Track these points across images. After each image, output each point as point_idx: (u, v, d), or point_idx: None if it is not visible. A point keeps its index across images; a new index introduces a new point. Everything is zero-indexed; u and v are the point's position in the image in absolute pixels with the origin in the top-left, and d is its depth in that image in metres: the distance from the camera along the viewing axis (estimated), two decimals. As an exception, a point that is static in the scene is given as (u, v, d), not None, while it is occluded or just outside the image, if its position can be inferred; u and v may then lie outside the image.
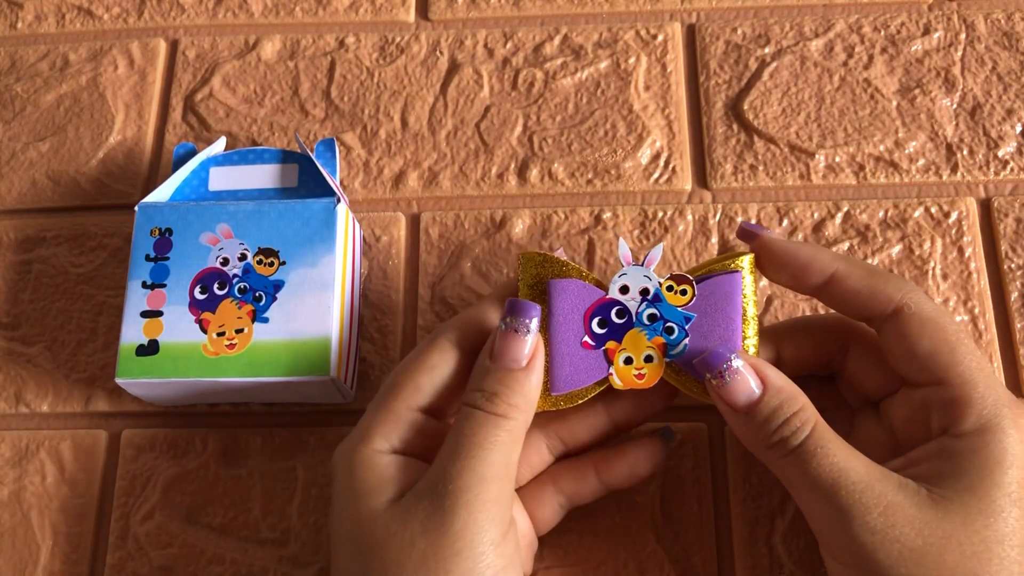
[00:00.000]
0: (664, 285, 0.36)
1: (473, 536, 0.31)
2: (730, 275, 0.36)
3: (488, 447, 0.33)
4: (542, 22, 0.52)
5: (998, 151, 0.47)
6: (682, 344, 0.35)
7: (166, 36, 0.53)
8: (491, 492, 0.32)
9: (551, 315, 0.36)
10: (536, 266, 0.37)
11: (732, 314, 0.35)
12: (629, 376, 0.35)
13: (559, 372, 0.35)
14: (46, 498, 0.43)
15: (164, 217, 0.43)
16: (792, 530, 0.40)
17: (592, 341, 0.36)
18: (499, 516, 0.32)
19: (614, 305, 0.36)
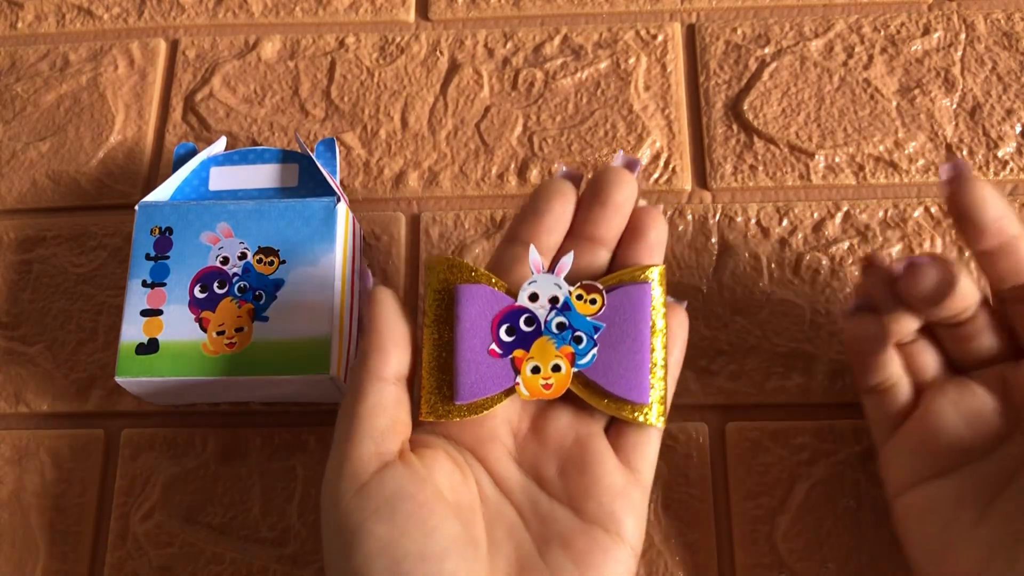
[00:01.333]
0: (574, 294, 0.35)
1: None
2: (639, 286, 0.35)
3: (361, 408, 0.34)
4: (542, 22, 0.52)
5: (998, 151, 0.47)
6: (590, 354, 0.35)
7: (166, 36, 0.54)
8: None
9: (458, 321, 0.35)
10: (444, 271, 0.36)
11: (641, 325, 0.35)
12: (536, 386, 0.35)
13: (464, 380, 0.34)
14: (46, 497, 0.43)
15: (164, 216, 0.43)
16: (793, 529, 0.40)
17: (499, 349, 0.35)
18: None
19: (523, 312, 0.35)
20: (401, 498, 0.32)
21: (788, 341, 0.44)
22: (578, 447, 0.35)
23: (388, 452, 0.33)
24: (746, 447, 0.42)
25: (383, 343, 0.35)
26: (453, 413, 0.35)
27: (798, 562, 0.40)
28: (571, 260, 0.35)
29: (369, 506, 0.32)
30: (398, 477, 0.33)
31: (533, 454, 0.36)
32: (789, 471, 0.41)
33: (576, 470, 0.35)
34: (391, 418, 0.34)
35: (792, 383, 0.43)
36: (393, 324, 0.35)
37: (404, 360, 0.35)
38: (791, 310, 0.44)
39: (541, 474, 0.35)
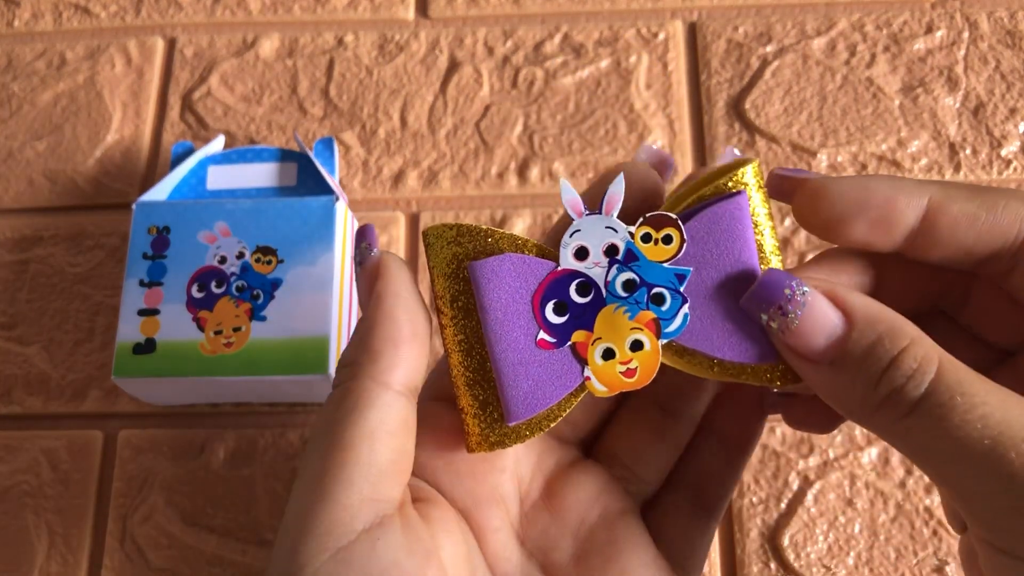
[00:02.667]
0: (637, 235, 0.25)
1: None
2: (729, 200, 0.25)
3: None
4: (542, 20, 0.52)
5: (1001, 150, 0.47)
6: (680, 315, 0.25)
7: (164, 34, 0.53)
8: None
9: (484, 312, 0.26)
10: (449, 244, 0.26)
11: (744, 254, 0.25)
12: (614, 375, 0.25)
13: (513, 391, 0.25)
14: (42, 499, 0.43)
15: (162, 215, 0.43)
16: (797, 532, 0.40)
17: (550, 336, 0.26)
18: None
19: (572, 278, 0.26)
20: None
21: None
22: (605, 527, 0.27)
23: (386, 501, 0.23)
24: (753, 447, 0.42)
25: (395, 334, 0.24)
26: (511, 437, 0.26)
27: (803, 565, 0.40)
28: (623, 186, 0.25)
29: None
30: (395, 544, 0.23)
31: (542, 530, 0.27)
32: (797, 475, 0.41)
33: (599, 558, 0.26)
34: (397, 449, 0.24)
35: (795, 383, 0.43)
36: (409, 308, 0.25)
37: (421, 364, 0.25)
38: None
39: (549, 558, 0.27)
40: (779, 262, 0.26)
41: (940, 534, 0.40)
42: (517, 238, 0.26)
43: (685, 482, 0.28)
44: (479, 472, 0.27)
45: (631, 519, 0.27)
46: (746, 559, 0.40)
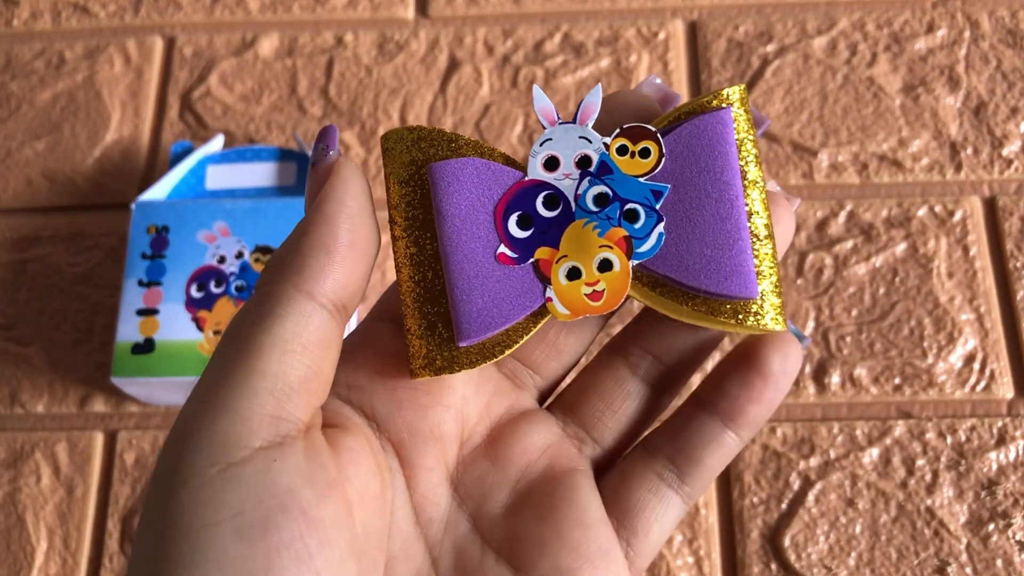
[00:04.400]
0: (613, 146, 0.23)
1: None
2: (714, 115, 0.23)
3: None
4: (542, 19, 0.52)
5: (1002, 150, 0.47)
6: (654, 234, 0.23)
7: (163, 33, 0.53)
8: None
9: (441, 219, 0.23)
10: (408, 148, 0.24)
11: (726, 174, 0.23)
12: (578, 297, 0.23)
13: (466, 308, 0.23)
14: (41, 500, 0.43)
15: (161, 215, 0.42)
16: (798, 532, 0.40)
17: (512, 251, 0.23)
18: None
19: (540, 189, 0.24)
20: (287, 508, 0.20)
21: (791, 341, 0.43)
22: (546, 482, 0.25)
23: (291, 421, 0.21)
24: (753, 449, 0.42)
25: (329, 242, 0.22)
26: (459, 361, 0.23)
27: (804, 566, 0.39)
28: (599, 96, 0.24)
29: (231, 503, 0.20)
30: (294, 468, 0.21)
31: (479, 477, 0.25)
32: (798, 476, 0.41)
33: (532, 513, 0.24)
34: (310, 366, 0.22)
35: (799, 386, 0.42)
36: (352, 216, 0.23)
37: (355, 280, 0.23)
38: (795, 310, 0.44)
39: (482, 508, 0.25)
40: (760, 192, 0.24)
41: (941, 535, 0.39)
42: (483, 145, 0.24)
43: (660, 451, 0.25)
44: (421, 404, 0.24)
45: (579, 478, 0.25)
46: (747, 559, 0.40)
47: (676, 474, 0.25)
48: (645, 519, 0.24)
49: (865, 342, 0.43)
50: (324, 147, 0.24)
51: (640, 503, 0.24)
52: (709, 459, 0.24)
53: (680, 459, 0.25)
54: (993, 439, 0.41)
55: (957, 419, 0.41)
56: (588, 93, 0.24)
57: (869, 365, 0.42)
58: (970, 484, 0.40)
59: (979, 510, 0.40)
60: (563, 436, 0.26)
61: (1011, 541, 0.39)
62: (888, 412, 0.42)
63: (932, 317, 0.43)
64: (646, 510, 0.24)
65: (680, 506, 0.25)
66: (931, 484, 0.40)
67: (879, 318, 0.43)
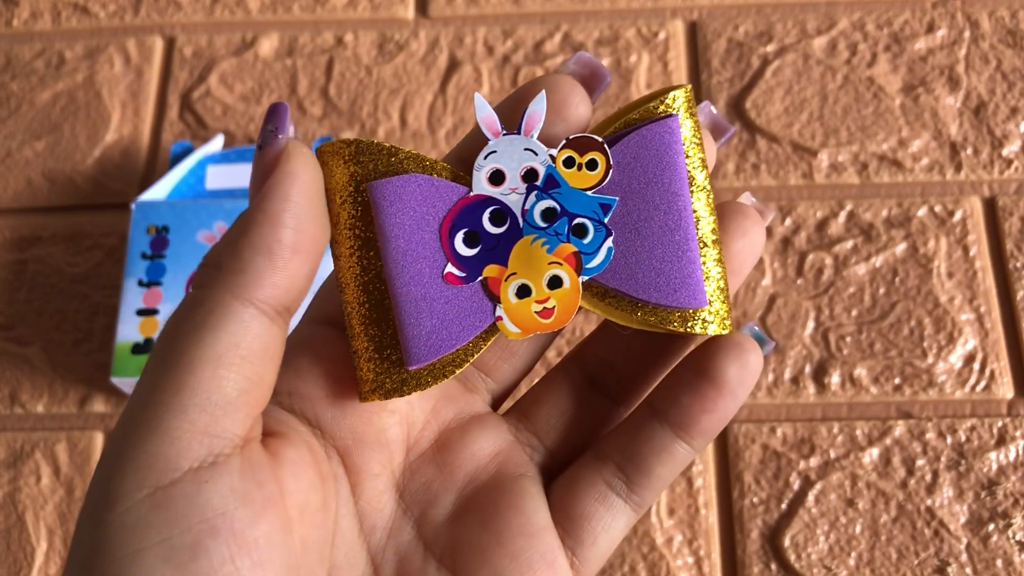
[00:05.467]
0: (559, 158, 0.23)
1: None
2: (660, 123, 0.23)
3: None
4: (542, 19, 0.52)
5: (1002, 150, 0.47)
6: (604, 249, 0.23)
7: (163, 33, 0.53)
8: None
9: (385, 240, 0.23)
10: (346, 162, 0.23)
11: (675, 185, 0.23)
12: (529, 315, 0.23)
13: (414, 330, 0.22)
14: (41, 500, 0.43)
15: (161, 215, 0.42)
16: (798, 532, 0.40)
17: (459, 270, 0.23)
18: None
19: (486, 205, 0.23)
20: (217, 531, 0.19)
21: (793, 341, 0.43)
22: (494, 486, 0.24)
23: (224, 437, 0.20)
24: (753, 450, 0.42)
25: (271, 243, 0.21)
26: (409, 384, 0.23)
27: (804, 566, 0.39)
28: (544, 105, 0.23)
29: (159, 528, 0.19)
30: (226, 489, 0.20)
31: (425, 483, 0.24)
32: (798, 476, 0.41)
33: (475, 519, 0.24)
34: (249, 377, 0.21)
35: (799, 386, 0.42)
36: (298, 214, 0.21)
37: (299, 283, 0.21)
38: (797, 311, 0.44)
39: (426, 515, 0.24)
40: (708, 198, 0.24)
41: (942, 535, 0.39)
42: (425, 158, 0.23)
43: (610, 458, 0.24)
44: (366, 410, 0.24)
45: (525, 484, 0.24)
46: (747, 560, 0.40)
47: (625, 483, 0.24)
48: (592, 528, 0.24)
49: (865, 342, 0.43)
50: (272, 129, 0.22)
51: (587, 512, 0.24)
52: (659, 469, 0.24)
53: (630, 468, 0.24)
54: (993, 439, 0.41)
55: (957, 419, 0.41)
56: (533, 100, 0.23)
57: (869, 365, 0.42)
58: (970, 484, 0.40)
59: (979, 510, 0.40)
60: (514, 442, 0.25)
61: (1011, 541, 0.39)
62: (888, 412, 0.42)
63: (932, 317, 0.43)
64: (593, 519, 0.24)
65: (629, 515, 0.24)
66: (931, 484, 0.40)
67: (879, 318, 0.43)
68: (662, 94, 0.23)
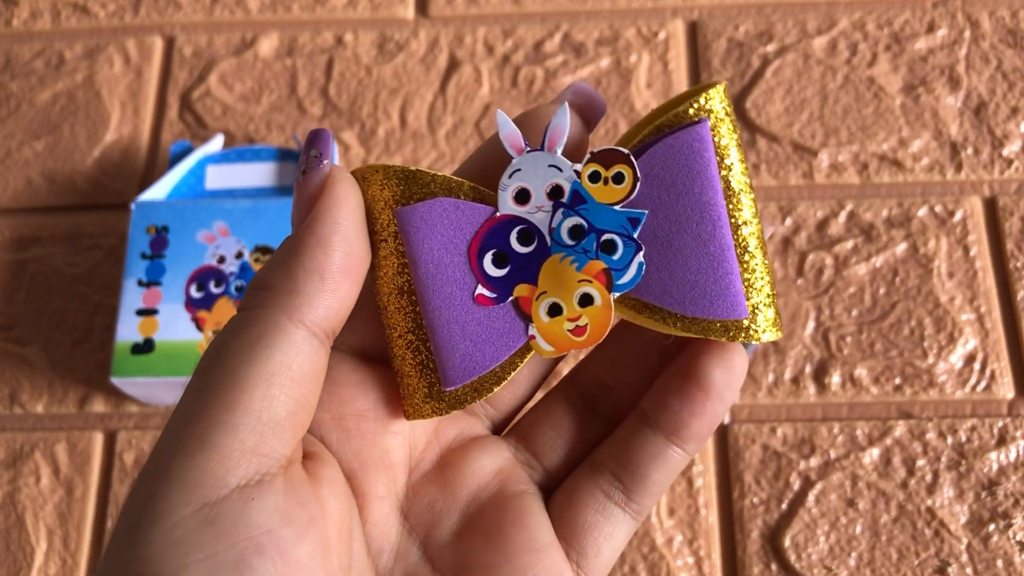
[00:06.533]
0: (584, 173, 0.22)
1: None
2: (688, 129, 0.22)
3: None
4: (542, 19, 0.52)
5: (1003, 149, 0.47)
6: (634, 264, 0.23)
7: (162, 33, 0.53)
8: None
9: (415, 264, 0.23)
10: (380, 185, 0.23)
11: (707, 193, 0.22)
12: (561, 333, 0.23)
13: (449, 354, 0.23)
14: (40, 500, 0.43)
15: (160, 215, 0.42)
16: (798, 532, 0.40)
17: (490, 291, 0.23)
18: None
19: (513, 225, 0.23)
20: (263, 549, 0.19)
21: (793, 342, 0.43)
22: (497, 504, 0.24)
23: (272, 457, 0.20)
24: (753, 450, 0.42)
25: (324, 265, 0.21)
26: (447, 404, 0.23)
27: (804, 566, 0.39)
28: (567, 118, 0.23)
29: (204, 545, 0.19)
30: (272, 508, 0.20)
31: (428, 503, 0.24)
32: (798, 476, 0.41)
33: (480, 537, 0.24)
34: (298, 399, 0.21)
35: (799, 386, 0.42)
36: (347, 239, 0.22)
37: (347, 306, 0.22)
38: (798, 310, 0.44)
39: (431, 535, 0.24)
40: (750, 201, 0.23)
41: (942, 535, 0.39)
42: (451, 180, 0.23)
43: (605, 467, 0.25)
44: (369, 432, 0.24)
45: (528, 501, 0.24)
46: (747, 560, 0.40)
47: (622, 491, 0.24)
48: (594, 539, 0.24)
49: (865, 342, 0.43)
50: (317, 155, 0.23)
51: (588, 524, 0.24)
52: (655, 475, 0.24)
53: (626, 476, 0.24)
54: (994, 439, 0.41)
55: (957, 419, 0.41)
56: (555, 114, 0.22)
57: (869, 365, 0.42)
58: (970, 484, 0.40)
59: (979, 510, 0.40)
60: (514, 461, 0.25)
61: (1011, 541, 0.39)
62: (888, 412, 0.42)
63: (932, 317, 0.43)
64: (594, 530, 0.24)
65: (629, 523, 0.24)
66: (931, 484, 0.40)
67: (879, 318, 0.43)
68: (695, 94, 0.23)
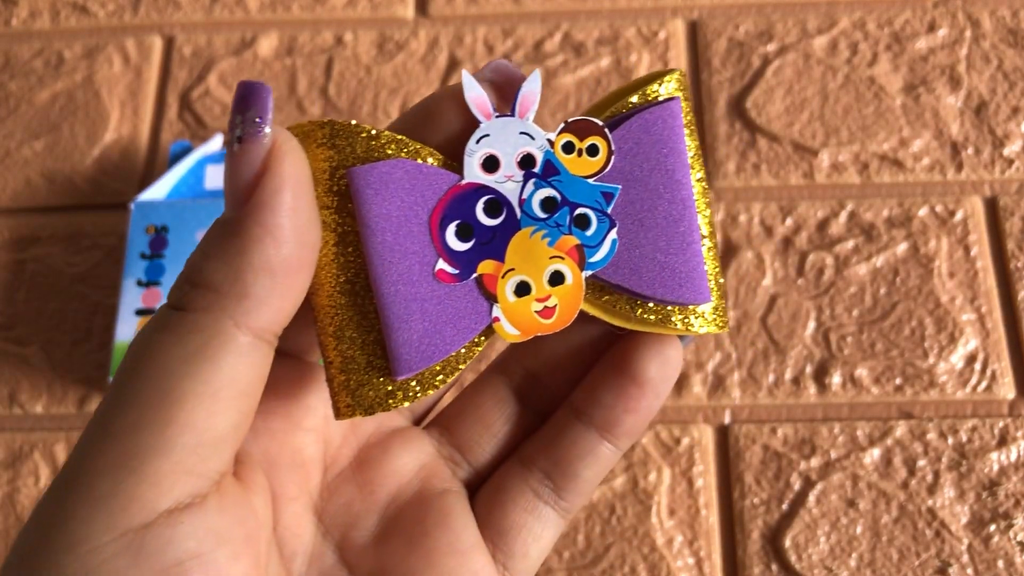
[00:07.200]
0: (558, 143, 0.21)
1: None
2: (662, 106, 0.21)
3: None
4: (542, 19, 0.52)
5: (1003, 149, 0.46)
6: (608, 240, 0.21)
7: (162, 33, 0.53)
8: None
9: (369, 232, 0.20)
10: (320, 146, 0.20)
11: (678, 173, 0.21)
12: (528, 315, 0.21)
13: (403, 335, 0.20)
14: (39, 500, 0.43)
15: (160, 215, 0.42)
16: (799, 533, 0.40)
17: (452, 266, 0.20)
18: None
19: (480, 194, 0.21)
20: (191, 572, 0.18)
21: (794, 342, 0.43)
22: (419, 503, 0.23)
23: (211, 476, 0.19)
24: (754, 450, 0.41)
25: (276, 261, 0.19)
26: (396, 396, 0.21)
27: (805, 567, 0.39)
28: (539, 84, 0.21)
29: (126, 574, 0.17)
30: (203, 530, 0.18)
31: (345, 504, 0.23)
32: (799, 476, 0.41)
33: (402, 540, 0.22)
34: (245, 409, 0.19)
35: (799, 386, 0.42)
36: (300, 224, 0.19)
37: (297, 302, 0.20)
38: (796, 310, 0.44)
39: (348, 537, 0.22)
40: (702, 188, 0.22)
41: (943, 535, 0.39)
42: (409, 142, 0.20)
43: (535, 464, 0.23)
44: (279, 430, 0.22)
45: (452, 500, 0.23)
46: (747, 560, 0.40)
47: (552, 489, 0.23)
48: (523, 540, 0.23)
49: (866, 342, 0.43)
50: (256, 117, 0.19)
51: (516, 523, 0.23)
52: (586, 472, 0.23)
53: (556, 474, 0.23)
54: (994, 440, 0.41)
55: (958, 419, 0.41)
56: (527, 80, 0.21)
57: (870, 365, 0.42)
58: (971, 485, 0.40)
59: (980, 511, 0.40)
60: (437, 456, 0.24)
61: (1012, 542, 0.39)
62: (889, 412, 0.42)
63: (933, 317, 0.43)
64: (523, 531, 0.23)
65: (558, 522, 0.23)
66: (932, 485, 0.40)
67: (880, 318, 0.43)
68: (656, 78, 0.22)
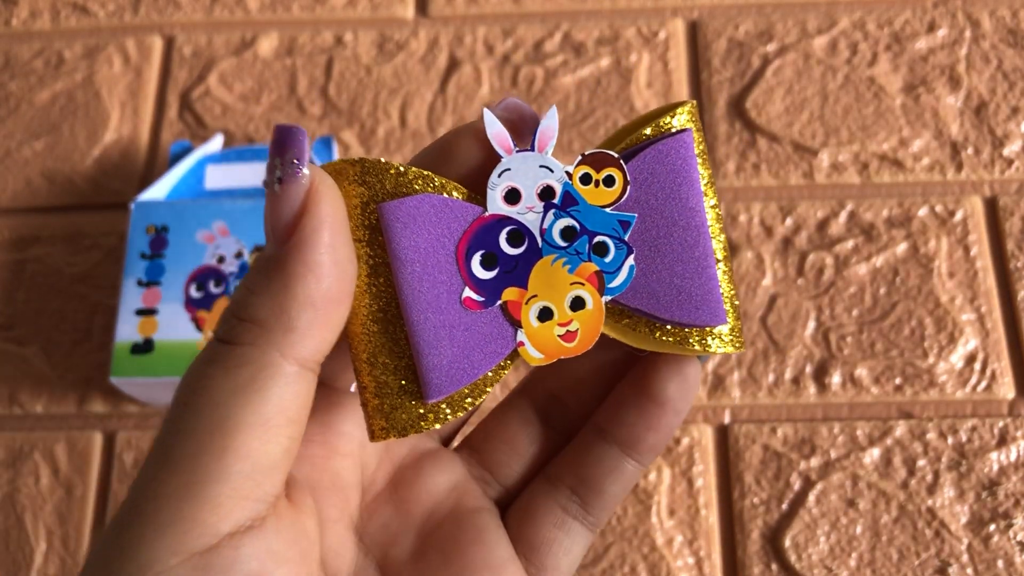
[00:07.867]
0: (576, 175, 0.22)
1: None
2: (675, 137, 0.23)
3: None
4: (542, 19, 0.52)
5: (1003, 149, 0.46)
6: (626, 267, 0.22)
7: (162, 33, 0.53)
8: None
9: (399, 264, 0.21)
10: (352, 183, 0.22)
11: (692, 201, 0.23)
12: (551, 339, 0.22)
13: (434, 360, 0.21)
14: (40, 500, 0.43)
15: (160, 215, 0.42)
16: (799, 533, 0.40)
17: (478, 294, 0.22)
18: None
19: (503, 225, 0.22)
20: None
21: (794, 341, 0.43)
22: (454, 521, 0.24)
23: (264, 500, 0.20)
24: (754, 450, 0.41)
25: (318, 295, 0.20)
26: (427, 419, 0.22)
27: (805, 567, 0.39)
28: (556, 120, 0.22)
29: None
30: (263, 551, 0.19)
31: (384, 523, 0.24)
32: (799, 476, 0.41)
33: (438, 555, 0.23)
34: (295, 435, 0.20)
35: (799, 386, 0.42)
36: (340, 260, 0.20)
37: (337, 332, 0.21)
38: (796, 310, 0.44)
39: (388, 555, 0.24)
40: (716, 213, 0.23)
41: (943, 535, 0.39)
42: (435, 178, 0.22)
43: (562, 481, 0.25)
44: (318, 456, 0.23)
45: (485, 518, 0.24)
46: (747, 560, 0.40)
47: (579, 504, 0.24)
48: (554, 554, 0.24)
49: (866, 342, 0.43)
50: (294, 160, 0.20)
51: (547, 538, 0.24)
52: (611, 488, 0.24)
53: (583, 490, 0.24)
54: (994, 439, 0.41)
55: (958, 419, 0.41)
56: (544, 116, 0.22)
57: (870, 365, 0.42)
58: (971, 484, 0.40)
59: (980, 511, 0.40)
60: (468, 476, 0.25)
61: (1012, 542, 0.39)
62: (889, 412, 0.42)
63: (933, 317, 0.43)
64: (554, 545, 0.24)
65: (586, 535, 0.25)
66: (932, 484, 0.40)
67: (880, 318, 0.43)
68: (669, 110, 0.23)
